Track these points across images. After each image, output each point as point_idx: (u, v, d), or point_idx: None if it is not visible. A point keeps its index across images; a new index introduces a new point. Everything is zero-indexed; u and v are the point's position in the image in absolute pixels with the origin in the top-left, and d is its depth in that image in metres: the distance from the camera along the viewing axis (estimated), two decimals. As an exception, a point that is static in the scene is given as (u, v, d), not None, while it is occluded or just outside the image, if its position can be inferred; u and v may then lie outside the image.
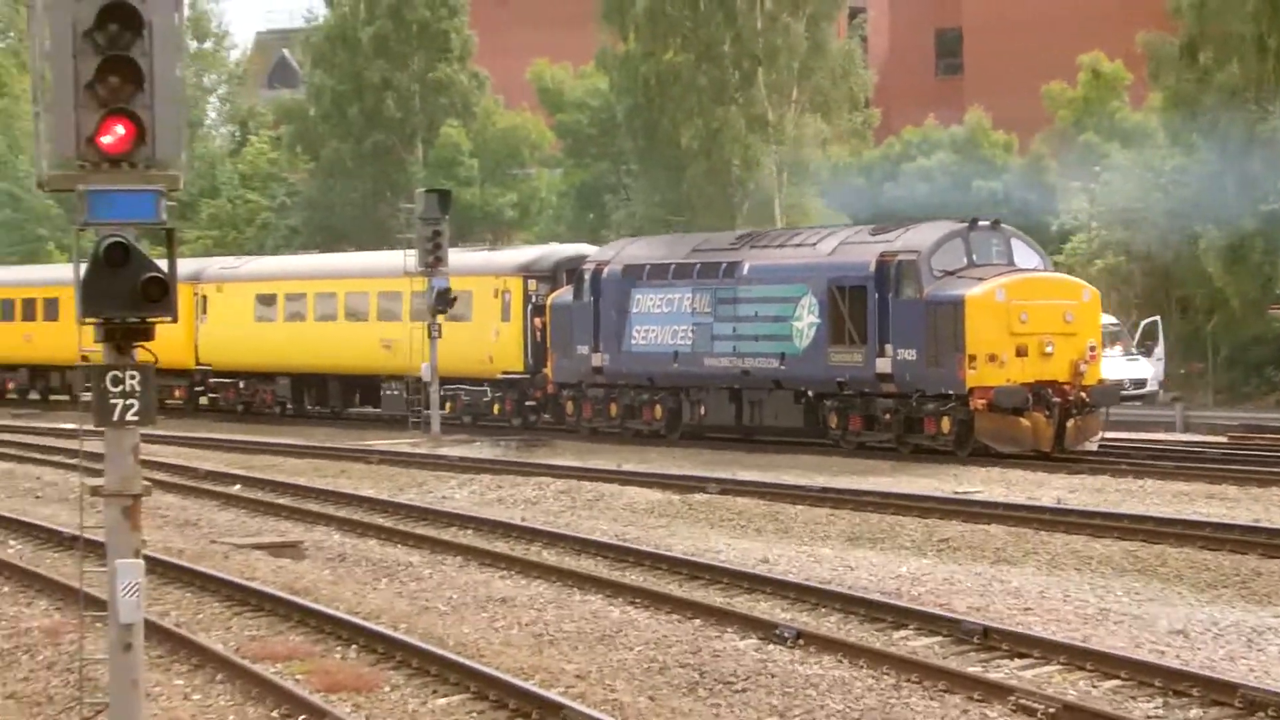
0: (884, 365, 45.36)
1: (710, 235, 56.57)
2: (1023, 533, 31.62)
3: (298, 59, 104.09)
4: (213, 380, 67.53)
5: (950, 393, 44.15)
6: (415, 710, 19.38)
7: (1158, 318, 66.55)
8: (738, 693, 20.10)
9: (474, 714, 19.11)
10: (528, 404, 56.92)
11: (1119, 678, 19.76)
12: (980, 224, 47.01)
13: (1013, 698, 18.96)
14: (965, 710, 18.88)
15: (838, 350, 46.51)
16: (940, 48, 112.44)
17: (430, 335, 52.86)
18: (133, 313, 13.57)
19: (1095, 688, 19.63)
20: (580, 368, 53.71)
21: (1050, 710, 18.40)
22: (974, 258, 45.87)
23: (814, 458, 45.61)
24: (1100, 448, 44.96)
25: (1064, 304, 45.39)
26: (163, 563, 27.60)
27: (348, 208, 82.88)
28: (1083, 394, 44.53)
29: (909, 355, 44.92)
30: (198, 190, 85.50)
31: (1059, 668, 20.68)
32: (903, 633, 22.99)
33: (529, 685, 19.41)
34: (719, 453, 47.22)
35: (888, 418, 45.98)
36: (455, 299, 53.29)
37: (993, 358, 43.85)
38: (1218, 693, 18.66)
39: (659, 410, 52.42)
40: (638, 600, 25.68)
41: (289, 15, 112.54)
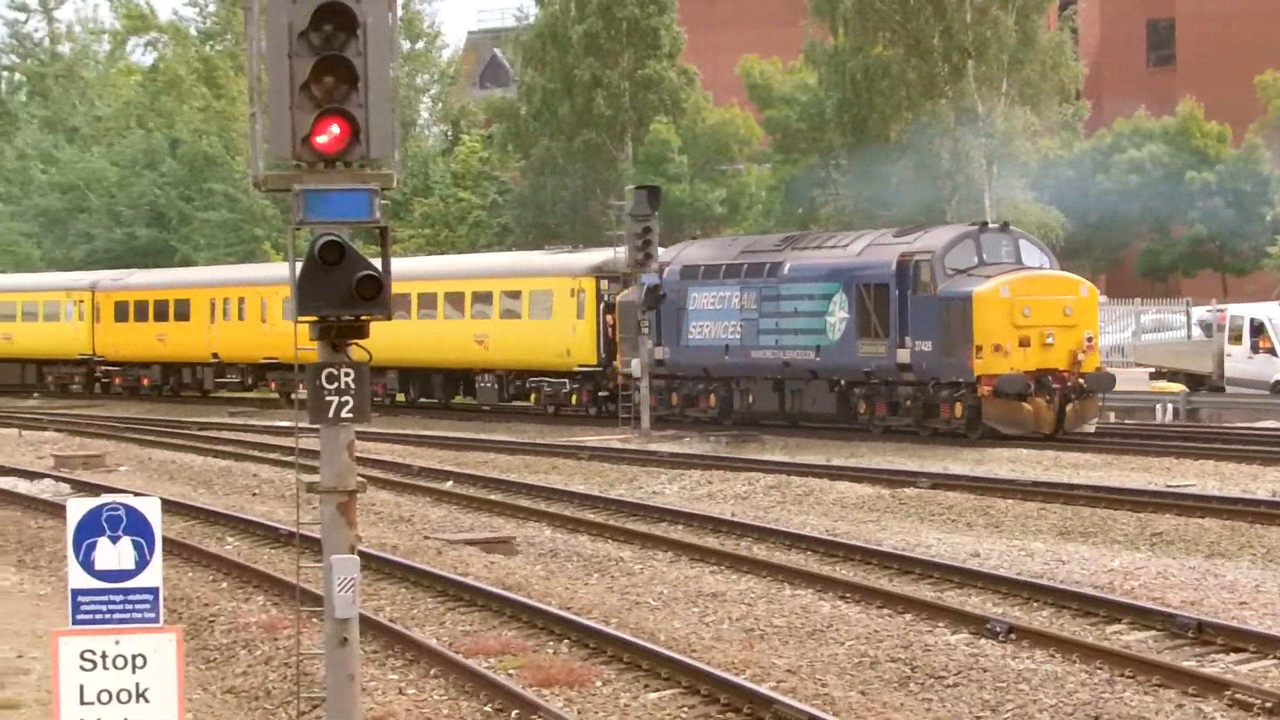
0: (904, 356, 49.16)
1: (758, 237, 61.20)
2: (1238, 526, 31.32)
3: (508, 58, 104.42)
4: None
5: (961, 380, 47.88)
6: (627, 705, 19.42)
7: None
8: (949, 687, 20.04)
9: (685, 708, 19.13)
10: (600, 394, 60.07)
11: (1337, 674, 19.59)
12: (990, 226, 51.69)
13: (1228, 693, 18.82)
14: (1180, 705, 18.73)
15: (865, 343, 50.35)
16: (1152, 38, 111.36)
17: (641, 331, 53.49)
18: (347, 311, 13.65)
19: (1313, 684, 19.46)
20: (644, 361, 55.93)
21: (1267, 705, 18.26)
22: (984, 257, 49.62)
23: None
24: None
25: (1064, 299, 49.11)
26: (377, 558, 27.82)
27: (559, 205, 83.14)
28: (1080, 380, 48.17)
29: (925, 346, 48.58)
30: (410, 189, 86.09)
31: (1275, 662, 20.48)
32: (1116, 627, 22.86)
33: (740, 680, 19.43)
34: (928, 447, 47.05)
35: (908, 404, 49.80)
36: (664, 295, 53.90)
37: (998, 348, 47.56)
38: None
39: (713, 399, 56.15)
40: (848, 595, 25.65)
41: (500, 14, 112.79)
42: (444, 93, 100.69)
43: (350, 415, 13.95)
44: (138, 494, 12.93)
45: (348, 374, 13.87)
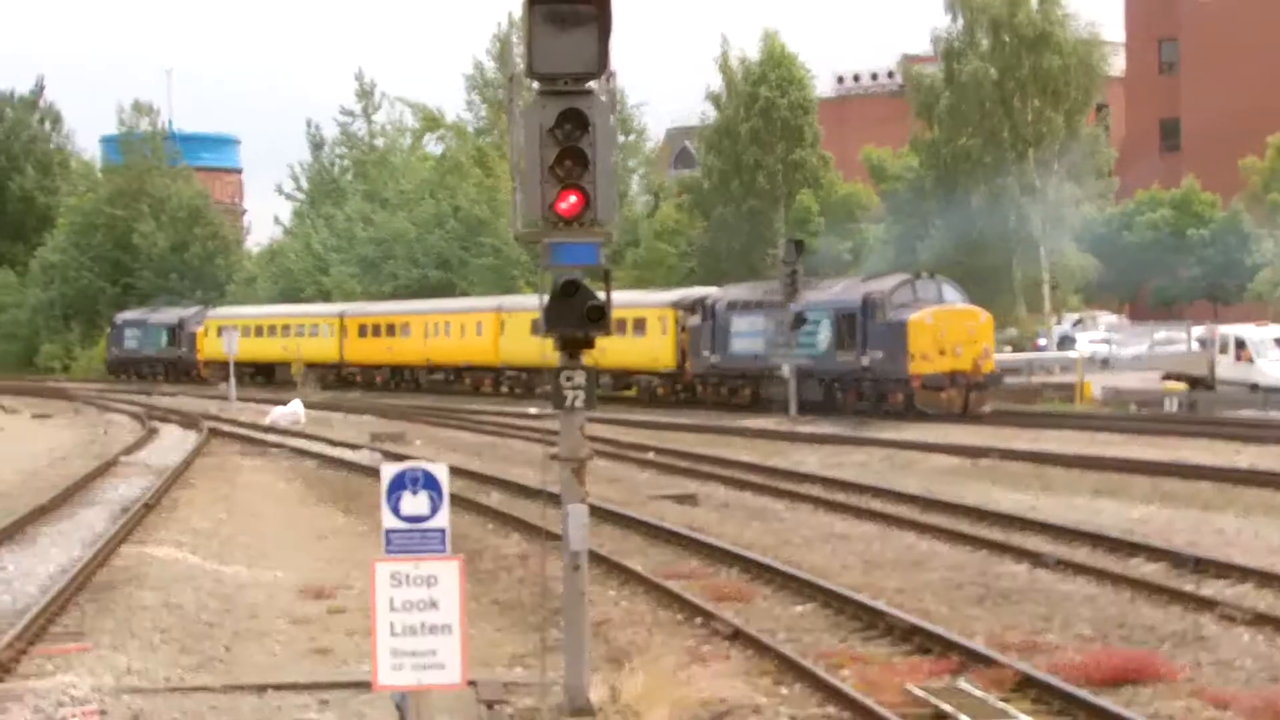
0: (865, 361, 53.77)
1: (773, 283, 61.15)
2: (1225, 487, 31.11)
3: (695, 147, 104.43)
4: (508, 373, 74.04)
5: (901, 378, 52.27)
6: (779, 614, 19.40)
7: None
8: (1014, 604, 19.93)
9: (822, 618, 19.11)
10: (677, 388, 64.53)
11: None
12: (922, 276, 56.30)
13: (1218, 609, 18.64)
14: (1182, 618, 18.59)
15: (841, 353, 54.88)
16: (1164, 132, 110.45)
17: (792, 345, 53.66)
18: (580, 330, 13.70)
19: (1282, 604, 19.19)
20: (703, 365, 61.96)
21: (1246, 618, 18.07)
22: (918, 295, 54.24)
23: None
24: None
25: (969, 324, 53.62)
26: (599, 509, 27.91)
27: (730, 254, 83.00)
28: (979, 378, 52.57)
29: (879, 355, 53.06)
30: (624, 242, 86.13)
31: (1253, 587, 20.25)
32: (1135, 560, 22.70)
33: (861, 597, 19.39)
34: (999, 429, 46.70)
35: (868, 393, 54.11)
36: (805, 319, 54.13)
37: (925, 356, 52.02)
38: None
39: (747, 391, 59.98)
40: (940, 536, 25.55)
41: (689, 115, 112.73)
42: (648, 172, 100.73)
43: (581, 404, 14.00)
44: (430, 461, 13.03)
45: (580, 375, 13.93)
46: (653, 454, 41.90)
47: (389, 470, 12.05)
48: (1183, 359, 65.24)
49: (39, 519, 29.15)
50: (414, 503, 11.91)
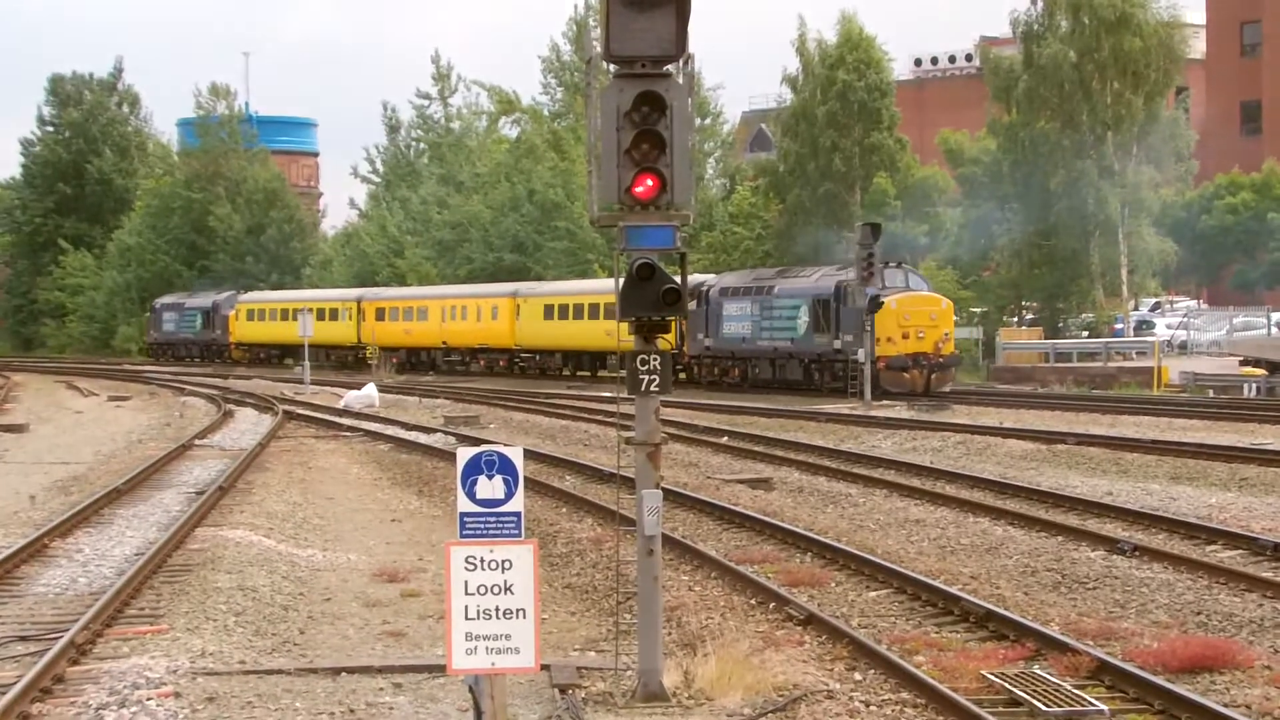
0: (838, 344, 58.27)
1: (763, 269, 69.04)
2: (1304, 474, 30.79)
3: (771, 130, 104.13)
4: (523, 355, 79.36)
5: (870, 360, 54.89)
6: (853, 600, 19.34)
7: None
8: (1090, 590, 19.81)
9: (896, 603, 19.04)
10: (677, 368, 66.24)
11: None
12: (890, 263, 58.48)
13: (1298, 597, 18.54)
14: (1260, 604, 18.48)
15: (818, 336, 59.62)
16: (1244, 115, 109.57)
17: (866, 329, 53.50)
18: (656, 313, 13.68)
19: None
20: (699, 347, 66.57)
21: (1325, 602, 17.98)
22: (885, 283, 55.88)
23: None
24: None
25: (931, 309, 58.00)
26: (674, 493, 27.91)
27: (805, 238, 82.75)
28: (939, 360, 57.01)
29: (849, 338, 56.71)
30: (699, 226, 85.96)
31: (1335, 574, 20.12)
32: (1213, 547, 22.55)
33: (936, 583, 19.31)
34: (1076, 414, 46.43)
35: (840, 373, 58.21)
36: (883, 303, 53.93)
37: (890, 339, 56.22)
38: None
39: (736, 371, 64.84)
40: (1015, 522, 25.40)
41: (765, 99, 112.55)
42: (724, 155, 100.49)
43: (656, 389, 13.99)
44: (505, 445, 13.06)
45: (655, 359, 13.91)
46: (727, 438, 41.86)
47: (465, 454, 12.09)
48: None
49: (115, 501, 29.40)
50: (489, 486, 11.94)
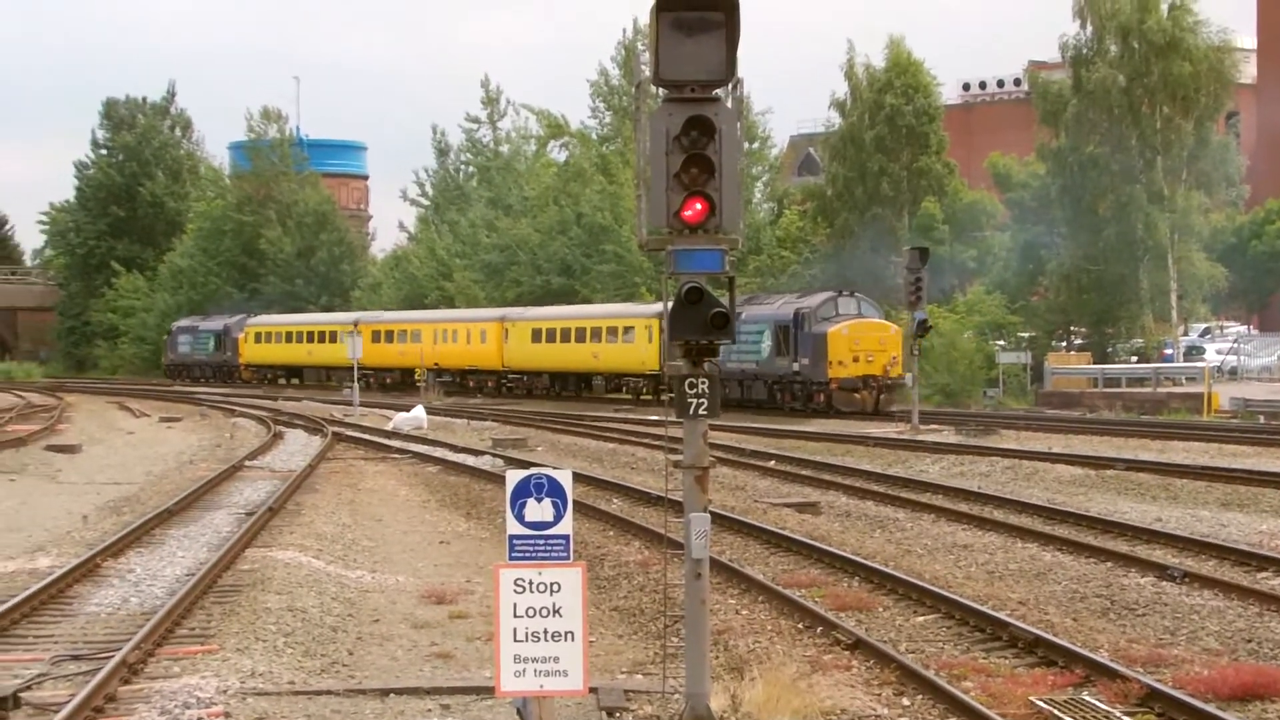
0: (796, 366, 63.02)
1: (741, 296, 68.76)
2: (1359, 503, 30.55)
3: (819, 154, 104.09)
4: (511, 376, 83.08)
5: (823, 380, 61.89)
6: (901, 624, 19.28)
7: None
8: (1139, 616, 19.71)
9: (944, 628, 18.97)
10: (659, 388, 66.97)
11: None
12: (844, 293, 64.61)
13: (1353, 627, 18.36)
14: (1315, 635, 18.31)
15: (779, 359, 63.92)
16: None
17: (912, 353, 53.54)
18: (704, 336, 13.65)
19: None
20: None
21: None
22: (839, 310, 63.33)
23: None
24: None
25: (880, 334, 62.77)
26: (721, 516, 27.90)
27: (853, 261, 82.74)
28: (887, 382, 61.89)
29: (806, 361, 62.32)
30: (747, 249, 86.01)
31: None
32: (1264, 574, 22.44)
33: (984, 608, 19.23)
34: (1125, 439, 46.22)
35: (799, 394, 63.17)
36: (930, 327, 53.98)
37: (841, 363, 61.60)
38: None
39: None
40: (1064, 547, 25.31)
41: (813, 123, 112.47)
42: (772, 179, 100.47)
43: (705, 412, 13.96)
44: (555, 468, 13.07)
45: (703, 382, 13.88)
46: (774, 461, 41.80)
47: (514, 477, 12.11)
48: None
49: (166, 522, 29.54)
50: (538, 509, 11.97)
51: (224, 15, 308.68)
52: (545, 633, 11.63)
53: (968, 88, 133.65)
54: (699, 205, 13.15)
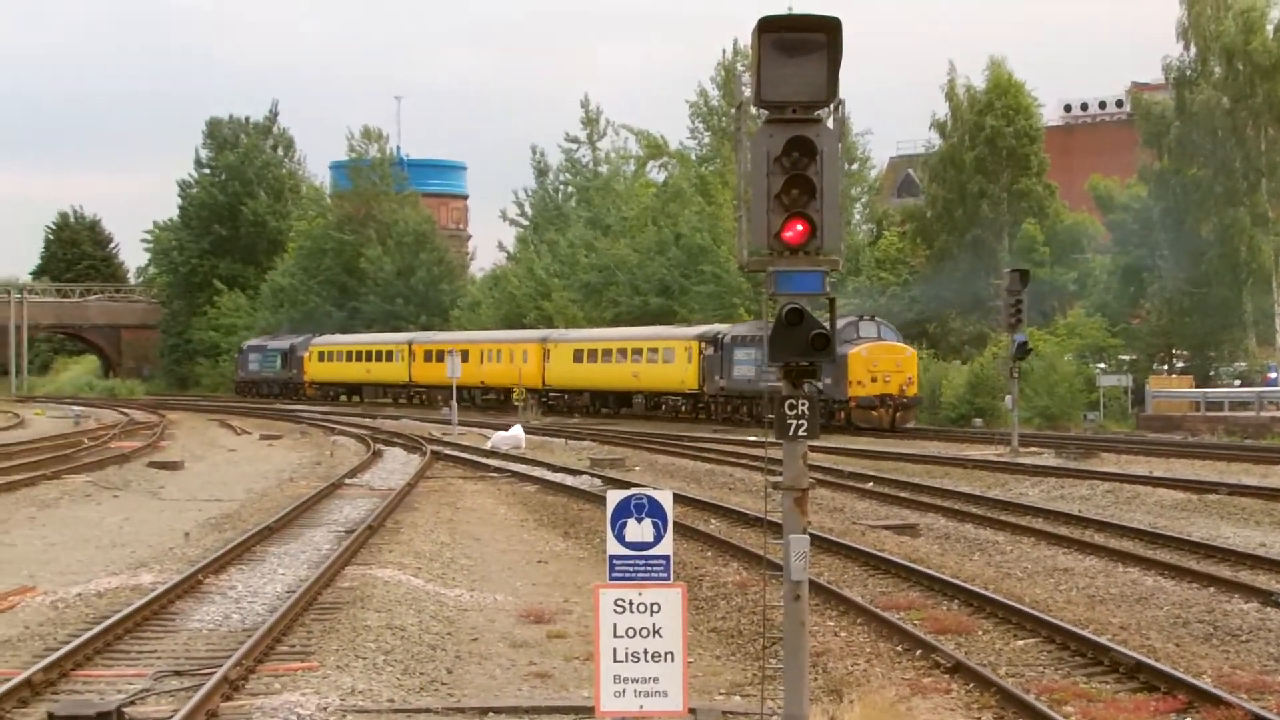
0: (820, 386, 61.43)
1: (757, 322, 71.80)
2: None
3: (919, 175, 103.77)
4: (553, 394, 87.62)
5: (844, 399, 65.49)
6: (1000, 648, 19.16)
7: None
8: (1243, 643, 19.50)
9: (1044, 653, 18.83)
10: (698, 406, 76.52)
11: None
12: (864, 317, 68.88)
13: None
14: None
15: None
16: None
17: (1011, 376, 53.25)
18: (804, 358, 13.62)
19: None
20: (714, 388, 74.05)
21: None
22: (860, 333, 67.10)
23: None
24: None
25: (896, 357, 66.81)
26: (819, 538, 27.82)
27: (952, 283, 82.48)
28: (903, 401, 66.12)
29: (828, 381, 62.24)
30: (847, 270, 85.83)
31: None
32: (1375, 602, 22.08)
33: (1085, 632, 19.09)
34: (1228, 464, 45.74)
35: (822, 413, 60.46)
36: (1030, 349, 53.67)
37: (860, 382, 65.53)
38: None
39: (745, 409, 71.81)
40: (1166, 572, 25.06)
41: (913, 144, 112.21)
42: (871, 200, 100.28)
43: (805, 434, 13.93)
44: (654, 488, 13.08)
45: (804, 403, 13.84)
46: (872, 483, 41.65)
47: (614, 497, 12.13)
48: None
49: (267, 539, 29.76)
50: (638, 530, 11.99)
51: (325, 36, 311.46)
52: (645, 653, 11.64)
53: (1069, 109, 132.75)
54: (800, 226, 13.13)
